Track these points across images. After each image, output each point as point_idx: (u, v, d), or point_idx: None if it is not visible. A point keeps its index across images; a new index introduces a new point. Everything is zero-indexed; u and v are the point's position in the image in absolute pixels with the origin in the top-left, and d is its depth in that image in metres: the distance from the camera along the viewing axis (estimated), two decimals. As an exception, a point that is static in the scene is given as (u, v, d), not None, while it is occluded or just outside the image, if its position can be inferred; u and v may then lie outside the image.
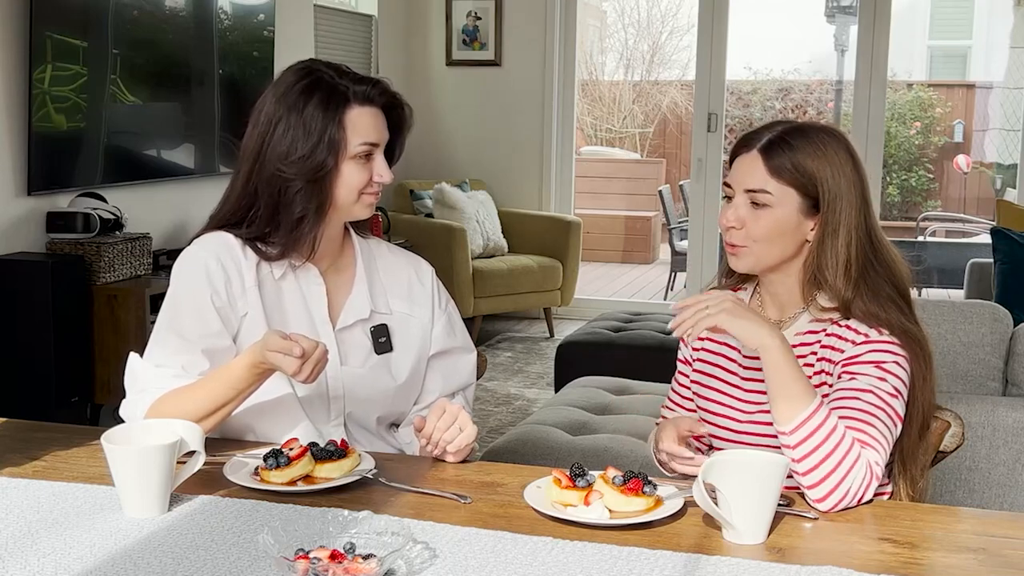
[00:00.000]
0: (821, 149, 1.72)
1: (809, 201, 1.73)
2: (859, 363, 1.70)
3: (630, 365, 3.90)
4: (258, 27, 5.44)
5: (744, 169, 1.75)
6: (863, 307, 1.72)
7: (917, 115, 11.81)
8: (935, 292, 7.55)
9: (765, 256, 1.76)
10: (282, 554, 1.30)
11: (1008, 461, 2.55)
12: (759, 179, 1.73)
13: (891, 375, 1.68)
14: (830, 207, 1.72)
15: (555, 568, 1.35)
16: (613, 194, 10.56)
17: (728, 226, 1.76)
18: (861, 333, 1.72)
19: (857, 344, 1.71)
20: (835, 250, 1.72)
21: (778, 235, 1.74)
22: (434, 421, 1.73)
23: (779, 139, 1.73)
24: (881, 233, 1.77)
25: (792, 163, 1.71)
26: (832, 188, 1.72)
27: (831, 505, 1.56)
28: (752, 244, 1.75)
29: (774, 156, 1.72)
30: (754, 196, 1.73)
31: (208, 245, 1.86)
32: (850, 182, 1.73)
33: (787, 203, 1.73)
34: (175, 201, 4.88)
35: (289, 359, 1.64)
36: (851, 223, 1.72)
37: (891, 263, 1.76)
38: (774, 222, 1.73)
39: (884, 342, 1.70)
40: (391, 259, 2.02)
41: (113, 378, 4.01)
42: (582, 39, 10.82)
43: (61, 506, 1.54)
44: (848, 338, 1.73)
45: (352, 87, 1.83)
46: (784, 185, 1.72)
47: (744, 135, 1.79)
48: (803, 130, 1.75)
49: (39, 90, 4.04)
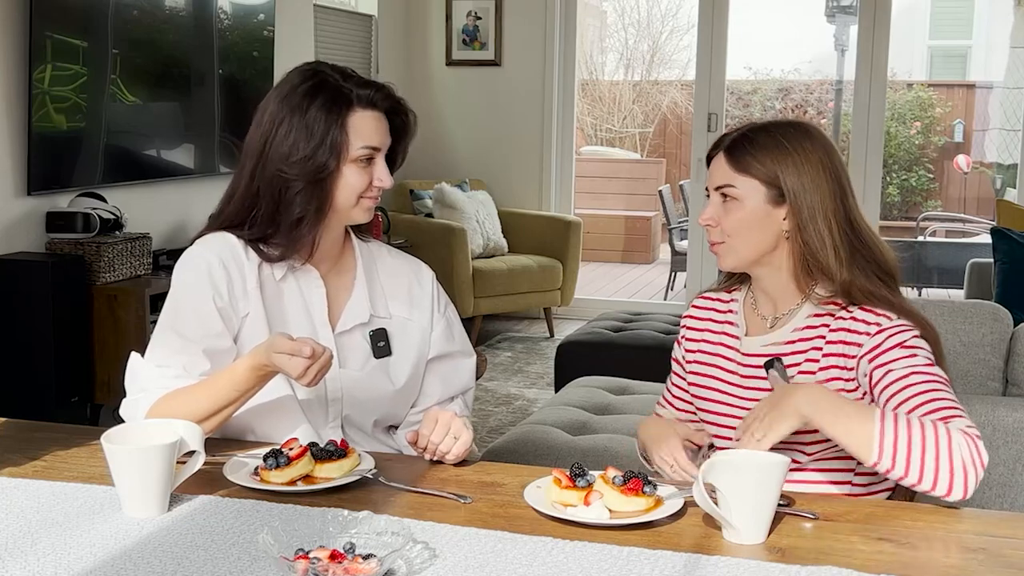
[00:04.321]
0: (780, 141, 1.78)
1: (774, 191, 1.78)
2: (885, 351, 1.70)
3: (630, 365, 3.90)
4: (258, 27, 5.44)
5: (714, 169, 1.83)
6: (862, 286, 1.75)
7: (917, 115, 11.81)
8: (935, 292, 7.56)
9: (743, 249, 1.80)
10: (282, 554, 1.30)
11: (1008, 461, 2.55)
12: (725, 175, 1.80)
13: (919, 348, 1.70)
14: (795, 195, 1.76)
15: (555, 568, 1.35)
16: (613, 194, 10.56)
17: (704, 224, 1.84)
18: (872, 323, 1.73)
19: (873, 335, 1.72)
20: (818, 234, 1.75)
21: (749, 227, 1.79)
22: (427, 433, 1.73)
23: (741, 137, 1.81)
24: (861, 218, 1.80)
25: (752, 154, 1.78)
26: (793, 176, 1.76)
27: (963, 490, 1.54)
28: (728, 239, 1.81)
29: (736, 152, 1.80)
30: (723, 192, 1.80)
31: (211, 245, 1.86)
32: (816, 169, 1.77)
33: (753, 195, 1.78)
34: (175, 201, 4.88)
35: (295, 362, 1.64)
36: (825, 209, 1.76)
37: (873, 245, 1.79)
38: (744, 214, 1.79)
39: (896, 325, 1.72)
40: (391, 263, 2.02)
41: (113, 378, 4.01)
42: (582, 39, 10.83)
43: (61, 506, 1.54)
44: (861, 331, 1.73)
45: (356, 91, 1.83)
46: (747, 177, 1.78)
47: (718, 139, 1.86)
48: (766, 126, 1.82)
49: (39, 90, 4.04)
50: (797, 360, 1.79)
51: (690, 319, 1.96)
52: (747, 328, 1.88)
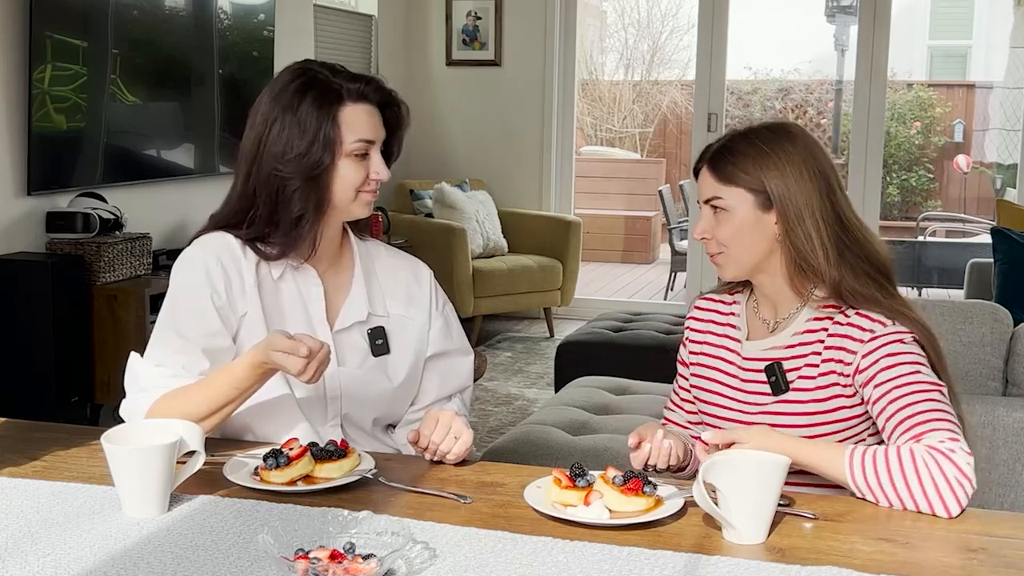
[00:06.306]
0: (760, 146, 1.78)
1: (761, 197, 1.78)
2: (873, 363, 1.71)
3: (630, 365, 3.89)
4: (258, 27, 5.44)
5: (701, 182, 1.84)
6: (851, 286, 1.75)
7: (917, 115, 11.80)
8: (935, 292, 7.55)
9: (741, 258, 1.81)
10: (282, 554, 1.30)
11: (1008, 461, 2.55)
12: (711, 188, 1.81)
13: (904, 354, 1.71)
14: (781, 198, 1.77)
15: (555, 568, 1.35)
16: (613, 194, 10.55)
17: (699, 238, 1.85)
18: (866, 330, 1.74)
19: (866, 342, 1.73)
20: (807, 235, 1.76)
21: (743, 236, 1.79)
22: (428, 433, 1.73)
23: (722, 147, 1.82)
24: (851, 214, 1.81)
25: (733, 164, 1.79)
26: (777, 180, 1.77)
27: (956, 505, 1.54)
28: (724, 249, 1.81)
29: (718, 164, 1.81)
30: (713, 204, 1.81)
31: (209, 245, 1.86)
32: (800, 170, 1.77)
33: (741, 204, 1.79)
34: (175, 201, 4.88)
35: (293, 359, 1.64)
36: (812, 208, 1.76)
37: (866, 241, 1.79)
38: (735, 224, 1.79)
39: (889, 333, 1.73)
40: (389, 261, 2.02)
41: (113, 378, 4.01)
42: (582, 39, 10.82)
43: (61, 506, 1.54)
44: (856, 337, 1.75)
45: (346, 85, 1.84)
46: (733, 188, 1.79)
47: (700, 152, 1.87)
48: (745, 134, 1.83)
49: (39, 90, 4.04)
50: (796, 365, 1.79)
51: (693, 320, 1.97)
52: (748, 332, 1.88)
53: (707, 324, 1.94)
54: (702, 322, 1.95)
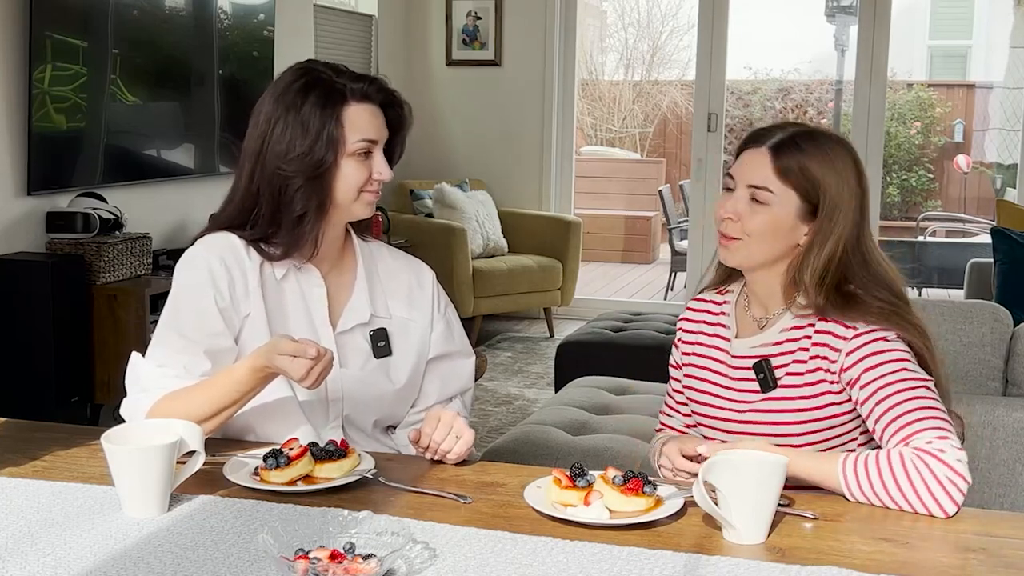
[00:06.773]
0: (829, 157, 1.74)
1: (808, 206, 1.74)
2: (858, 362, 1.71)
3: (630, 365, 3.89)
4: (258, 27, 5.44)
5: (751, 164, 1.76)
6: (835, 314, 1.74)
7: (917, 115, 11.80)
8: (935, 292, 7.55)
9: (756, 252, 1.77)
10: (282, 554, 1.30)
11: (1008, 461, 2.55)
12: (764, 176, 1.74)
13: (888, 351, 1.70)
14: (828, 215, 1.74)
15: (555, 568, 1.35)
16: (613, 194, 10.55)
17: (725, 216, 1.78)
18: (850, 327, 1.73)
19: (849, 339, 1.73)
20: (819, 258, 1.74)
21: (772, 234, 1.75)
22: (429, 433, 1.73)
23: (790, 140, 1.75)
24: (873, 246, 1.78)
25: (799, 166, 1.73)
26: (834, 197, 1.73)
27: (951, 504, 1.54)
28: (746, 238, 1.76)
29: (782, 156, 1.74)
30: (756, 192, 1.75)
31: (212, 245, 1.86)
32: (852, 194, 1.75)
33: (787, 204, 1.74)
34: (175, 201, 4.88)
35: (297, 363, 1.64)
36: (843, 234, 1.74)
37: (883, 275, 1.77)
38: (771, 220, 1.75)
39: (869, 331, 1.72)
40: (392, 263, 2.02)
41: (113, 378, 4.01)
42: (582, 39, 10.82)
43: (61, 506, 1.54)
44: (840, 334, 1.74)
45: (349, 84, 1.84)
46: (787, 186, 1.74)
47: (756, 130, 1.81)
48: (814, 135, 1.77)
49: (39, 90, 4.04)
50: (785, 361, 1.79)
51: (685, 321, 1.96)
52: (737, 330, 1.88)
53: (699, 324, 1.93)
54: (694, 323, 1.94)
